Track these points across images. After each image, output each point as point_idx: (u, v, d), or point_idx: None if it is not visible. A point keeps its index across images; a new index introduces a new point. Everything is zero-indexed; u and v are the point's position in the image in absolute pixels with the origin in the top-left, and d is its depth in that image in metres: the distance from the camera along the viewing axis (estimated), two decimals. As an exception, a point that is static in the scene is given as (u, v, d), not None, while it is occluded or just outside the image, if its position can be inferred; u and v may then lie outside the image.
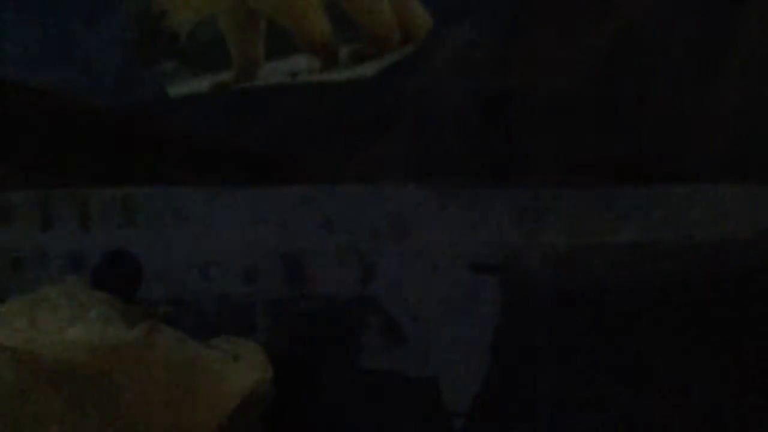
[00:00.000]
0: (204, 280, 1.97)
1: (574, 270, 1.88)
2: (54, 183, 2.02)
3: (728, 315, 1.85)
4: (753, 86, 1.95)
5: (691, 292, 1.85)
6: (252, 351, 1.83)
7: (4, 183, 2.03)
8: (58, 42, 2.22)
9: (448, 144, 2.03)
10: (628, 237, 1.86)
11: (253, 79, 2.32)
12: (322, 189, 1.95)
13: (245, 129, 2.17)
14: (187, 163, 2.10)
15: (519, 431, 1.91)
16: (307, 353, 1.94)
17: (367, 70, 2.25)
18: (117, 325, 1.78)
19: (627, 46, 1.99)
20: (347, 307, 1.93)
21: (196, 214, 1.97)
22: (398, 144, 2.07)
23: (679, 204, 1.86)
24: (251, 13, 2.32)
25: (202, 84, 2.32)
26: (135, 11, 2.29)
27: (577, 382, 1.89)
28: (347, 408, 1.94)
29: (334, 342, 1.94)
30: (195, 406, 1.76)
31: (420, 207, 1.91)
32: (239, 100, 2.23)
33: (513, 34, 2.07)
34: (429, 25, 2.31)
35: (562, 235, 1.88)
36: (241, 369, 1.79)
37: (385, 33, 2.32)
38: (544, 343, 1.89)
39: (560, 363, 1.89)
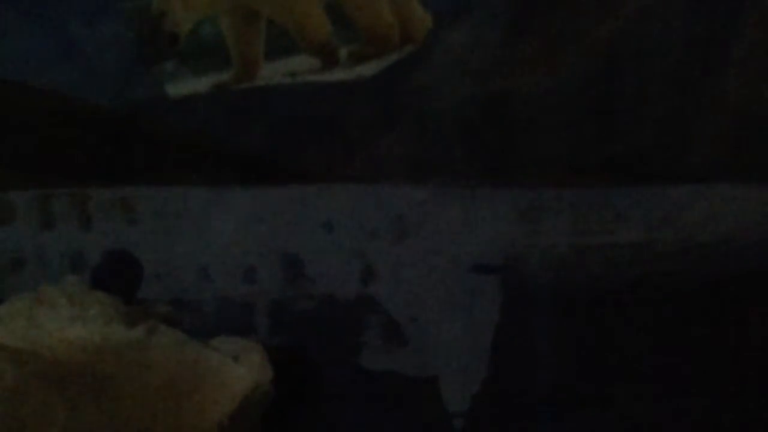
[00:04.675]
0: (204, 280, 1.97)
1: (574, 270, 1.88)
2: (54, 183, 2.02)
3: (728, 314, 1.85)
4: (753, 86, 1.95)
5: (691, 292, 1.85)
6: (252, 351, 1.83)
7: (4, 183, 2.03)
8: (58, 42, 2.22)
9: (448, 144, 2.03)
10: (628, 237, 1.86)
11: (253, 79, 2.32)
12: (322, 189, 1.95)
13: (245, 129, 2.17)
14: (187, 163, 2.10)
15: (519, 431, 1.91)
16: (307, 353, 1.94)
17: (367, 70, 2.25)
18: (117, 325, 1.78)
19: (627, 46, 1.99)
20: (347, 307, 1.93)
21: (196, 214, 1.97)
22: (398, 144, 2.07)
23: (679, 204, 1.86)
24: (251, 13, 2.32)
25: (202, 84, 2.32)
26: (135, 11, 2.29)
27: (577, 382, 1.89)
28: (347, 408, 1.94)
29: (334, 342, 1.94)
30: (195, 406, 1.76)
31: (420, 207, 1.92)
32: (239, 100, 2.23)
33: (513, 34, 2.07)
34: (429, 25, 2.31)
35: (562, 235, 1.88)
36: (241, 369, 1.79)
37: (385, 33, 2.31)
38: (544, 343, 1.89)
39: (560, 363, 1.89)
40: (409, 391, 1.92)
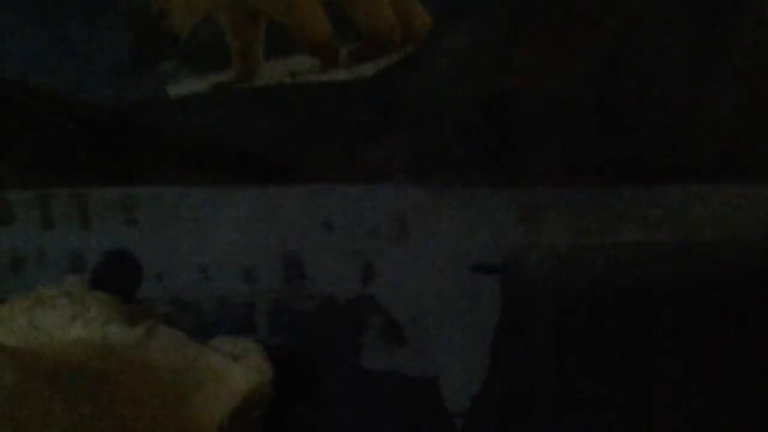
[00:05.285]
0: (204, 280, 1.96)
1: (574, 270, 1.88)
2: (54, 183, 2.02)
3: (728, 315, 1.85)
4: (753, 86, 1.95)
5: (691, 293, 1.85)
6: (252, 351, 1.83)
7: (4, 183, 2.03)
8: (57, 42, 2.22)
9: (448, 144, 2.03)
10: (628, 237, 1.86)
11: (253, 79, 2.32)
12: (322, 189, 1.95)
13: (245, 129, 2.17)
14: (187, 163, 2.10)
15: (519, 431, 1.91)
16: (307, 353, 1.94)
17: (367, 70, 2.25)
18: (117, 325, 1.78)
19: (627, 46, 1.99)
20: (347, 307, 1.93)
21: (196, 214, 1.97)
22: (398, 144, 2.07)
23: (679, 204, 1.86)
24: (251, 13, 2.32)
25: (202, 84, 2.32)
26: (135, 11, 2.29)
27: (577, 382, 1.88)
28: (347, 408, 1.94)
29: (334, 342, 1.94)
30: (195, 406, 1.76)
31: (420, 207, 1.91)
32: (239, 100, 2.23)
33: (513, 34, 2.07)
34: (429, 25, 2.31)
35: (562, 235, 1.88)
36: (241, 369, 1.79)
37: (385, 33, 2.31)
38: (544, 343, 1.89)
39: (560, 363, 1.89)
40: (409, 391, 1.92)
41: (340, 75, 2.27)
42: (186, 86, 2.30)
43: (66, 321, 1.77)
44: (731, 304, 1.85)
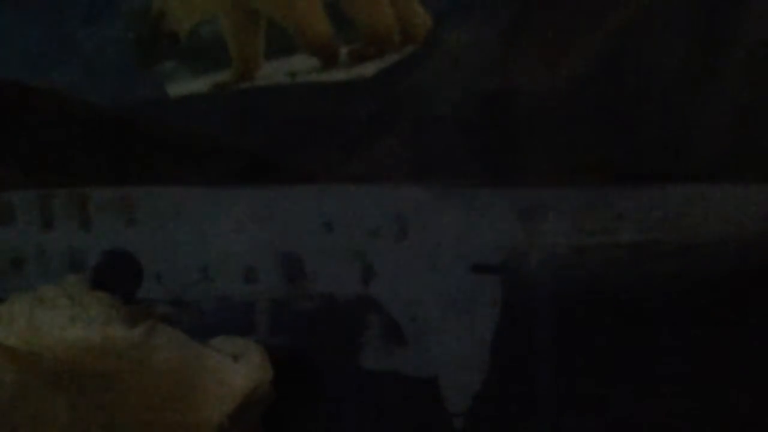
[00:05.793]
0: (204, 280, 1.96)
1: (574, 270, 1.88)
2: (54, 183, 2.02)
3: (728, 315, 1.85)
4: (753, 86, 1.95)
5: (691, 293, 1.85)
6: (252, 351, 1.83)
7: (4, 183, 2.03)
8: (58, 42, 2.22)
9: (448, 144, 2.03)
10: (628, 237, 1.86)
11: (253, 79, 2.32)
12: (322, 189, 1.95)
13: (245, 129, 2.17)
14: (187, 163, 2.10)
15: (519, 431, 1.91)
16: (307, 353, 1.94)
17: (367, 70, 2.25)
18: (117, 325, 1.78)
19: (627, 46, 1.99)
20: (347, 307, 1.93)
21: (196, 214, 1.97)
22: (398, 144, 2.07)
23: (679, 204, 1.86)
24: (251, 13, 2.32)
25: (202, 84, 2.32)
26: (135, 11, 2.29)
27: (577, 382, 1.88)
28: (347, 408, 1.94)
29: (334, 342, 1.94)
30: (195, 406, 1.76)
31: (420, 207, 1.91)
32: (239, 100, 2.23)
33: (513, 34, 2.07)
34: (429, 25, 2.31)
35: (562, 235, 1.88)
36: (241, 369, 1.79)
37: (385, 33, 2.31)
38: (544, 343, 1.89)
39: (560, 363, 1.89)
40: (409, 391, 1.92)
41: (340, 75, 2.27)
42: (186, 86, 2.30)
43: (66, 321, 1.77)
44: (731, 304, 1.85)
